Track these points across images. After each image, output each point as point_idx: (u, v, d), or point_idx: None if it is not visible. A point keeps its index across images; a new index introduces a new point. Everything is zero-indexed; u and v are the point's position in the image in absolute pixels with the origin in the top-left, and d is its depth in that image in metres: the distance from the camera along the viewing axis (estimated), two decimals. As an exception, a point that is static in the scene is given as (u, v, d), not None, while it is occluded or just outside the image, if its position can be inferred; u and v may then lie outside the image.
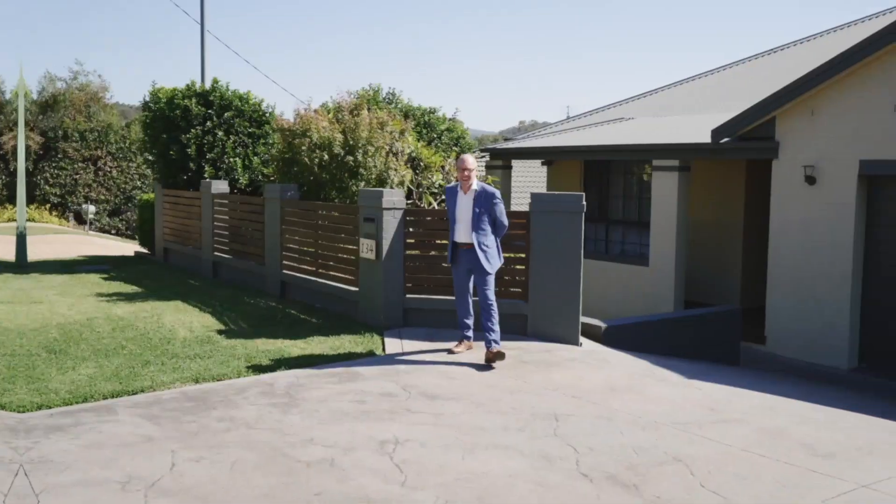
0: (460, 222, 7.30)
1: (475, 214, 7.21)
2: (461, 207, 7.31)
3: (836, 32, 16.95)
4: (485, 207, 7.23)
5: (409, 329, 8.52)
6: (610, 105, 18.36)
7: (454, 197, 7.40)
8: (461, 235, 7.31)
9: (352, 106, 11.44)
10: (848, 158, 10.64)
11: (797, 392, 7.28)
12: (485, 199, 7.23)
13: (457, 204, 7.34)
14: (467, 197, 7.29)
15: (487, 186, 7.37)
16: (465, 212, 7.27)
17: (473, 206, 7.22)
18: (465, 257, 7.32)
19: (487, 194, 7.27)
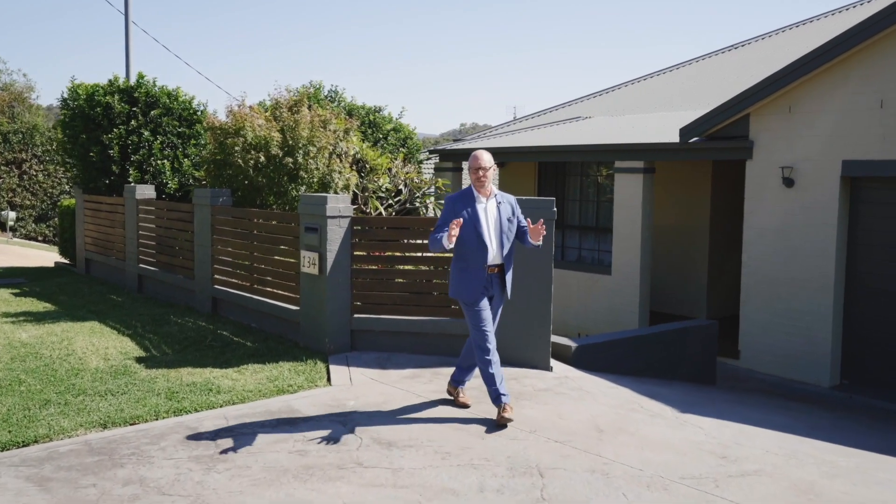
0: (488, 239, 5.60)
1: (507, 227, 5.69)
2: (486, 219, 5.63)
3: (816, 22, 16.36)
4: (512, 217, 5.75)
5: (358, 354, 7.47)
6: (565, 103, 17.57)
7: (470, 206, 5.63)
8: (490, 256, 5.63)
9: (291, 103, 10.34)
10: (829, 159, 9.96)
11: (800, 426, 6.47)
12: (510, 207, 5.77)
13: (478, 215, 5.60)
14: (491, 205, 5.71)
15: (502, 192, 5.87)
16: (492, 224, 5.66)
17: (500, 215, 5.68)
18: (489, 285, 5.68)
19: (510, 200, 5.83)
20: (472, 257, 5.59)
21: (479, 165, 5.66)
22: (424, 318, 7.48)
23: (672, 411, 6.12)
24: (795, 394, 9.38)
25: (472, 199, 5.65)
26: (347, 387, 6.46)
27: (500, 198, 5.74)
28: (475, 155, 5.71)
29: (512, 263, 5.82)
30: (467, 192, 5.70)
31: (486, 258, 5.59)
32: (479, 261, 5.59)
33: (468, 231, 5.55)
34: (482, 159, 5.69)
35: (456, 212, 5.58)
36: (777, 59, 12.31)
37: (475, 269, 5.59)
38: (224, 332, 8.49)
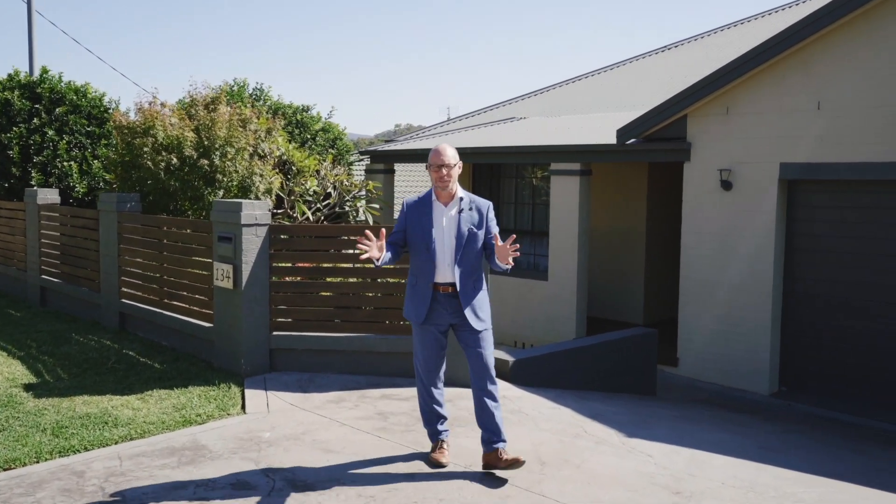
0: (438, 251, 4.71)
1: (464, 238, 4.69)
2: (439, 228, 4.73)
3: (755, 21, 16.26)
4: (477, 227, 4.74)
5: (277, 376, 6.83)
6: (500, 103, 17.16)
7: (423, 212, 4.77)
8: (439, 272, 4.72)
9: (207, 100, 9.60)
10: (767, 161, 9.74)
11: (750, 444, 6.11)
12: (478, 215, 4.77)
13: (432, 223, 4.73)
14: (449, 211, 4.74)
15: (473, 196, 4.88)
16: (446, 234, 4.72)
17: (460, 224, 4.71)
18: (443, 308, 4.74)
19: (480, 206, 4.81)
20: (421, 272, 4.77)
21: (440, 162, 4.68)
22: (352, 335, 6.89)
23: (618, 436, 5.68)
24: (737, 403, 9.11)
25: (428, 204, 4.78)
26: (264, 415, 5.82)
27: (467, 203, 4.77)
28: (436, 149, 4.74)
29: (481, 284, 4.80)
30: (426, 197, 4.81)
31: (432, 274, 4.71)
32: (426, 277, 4.74)
33: (418, 241, 4.74)
34: (444, 154, 4.71)
35: (408, 218, 4.81)
36: (716, 59, 12.12)
37: (422, 286, 4.76)
38: (130, 351, 7.72)
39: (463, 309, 4.69)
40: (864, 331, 9.20)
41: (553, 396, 6.80)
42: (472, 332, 4.73)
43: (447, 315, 4.76)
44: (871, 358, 9.16)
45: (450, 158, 4.72)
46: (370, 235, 4.62)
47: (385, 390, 6.46)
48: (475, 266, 4.76)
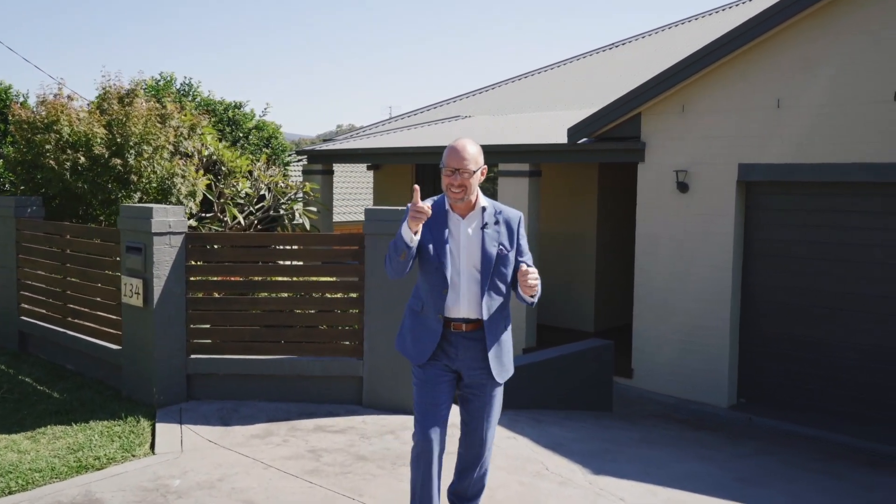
0: (455, 276, 3.57)
1: (492, 262, 3.57)
2: (457, 245, 3.58)
3: (715, 15, 15.85)
4: (508, 247, 3.61)
5: (196, 406, 6.00)
6: (444, 101, 16.48)
7: (437, 222, 3.59)
8: (456, 304, 3.57)
9: (121, 92, 8.67)
10: (726, 162, 9.26)
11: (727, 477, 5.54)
12: (507, 230, 3.62)
13: (446, 237, 3.57)
14: (469, 225, 3.59)
15: (500, 205, 3.70)
16: (466, 255, 3.58)
17: (485, 243, 3.57)
18: (454, 351, 3.60)
19: (509, 219, 3.65)
20: (430, 298, 3.59)
21: (456, 165, 3.46)
22: (282, 358, 6.10)
23: (583, 472, 5.03)
24: (697, 418, 8.61)
25: (442, 213, 3.57)
26: (176, 455, 5.00)
27: (492, 214, 3.60)
28: (453, 147, 3.50)
29: (510, 321, 3.71)
30: (439, 202, 3.60)
31: (442, 303, 3.54)
32: (435, 306, 3.57)
33: (429, 258, 3.57)
34: (462, 154, 3.47)
35: (427, 232, 3.58)
36: (672, 55, 11.64)
37: (429, 318, 3.59)
38: (28, 377, 6.78)
39: (490, 361, 3.56)
40: (825, 340, 8.79)
41: (508, 422, 6.13)
42: (483, 389, 3.63)
43: (458, 361, 3.60)
44: (833, 368, 8.75)
45: (469, 161, 3.46)
46: (423, 208, 3.41)
47: (319, 421, 5.70)
48: (505, 297, 3.62)
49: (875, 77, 8.13)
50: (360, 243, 6.03)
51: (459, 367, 3.62)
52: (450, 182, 3.49)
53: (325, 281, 6.29)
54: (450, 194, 3.53)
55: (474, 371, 3.61)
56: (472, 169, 3.48)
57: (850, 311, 8.58)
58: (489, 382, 3.63)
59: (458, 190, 3.49)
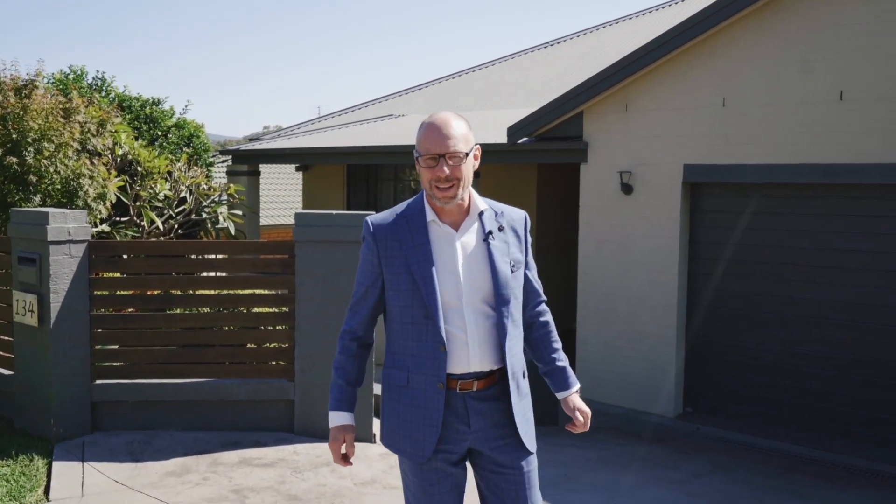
0: (456, 319, 2.52)
1: (507, 284, 2.58)
2: (452, 267, 2.54)
3: (661, 10, 15.60)
4: (518, 261, 2.65)
5: (102, 438, 5.28)
6: (376, 100, 15.89)
7: (412, 241, 2.55)
8: (461, 355, 2.52)
9: (17, 84, 7.82)
10: (670, 162, 8.96)
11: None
12: (515, 237, 2.67)
13: (432, 258, 2.52)
14: (463, 235, 2.59)
15: (499, 205, 2.76)
16: (469, 282, 2.55)
17: (493, 259, 2.57)
18: (463, 424, 2.54)
19: (514, 221, 2.71)
20: (417, 359, 2.52)
21: (439, 148, 2.45)
22: (202, 381, 5.44)
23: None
24: (646, 430, 8.28)
25: (419, 225, 2.54)
26: (75, 502, 4.30)
27: (493, 219, 2.63)
28: (431, 124, 2.49)
29: (523, 360, 2.67)
30: (411, 209, 2.58)
31: (444, 361, 2.49)
32: (431, 367, 2.50)
33: (408, 297, 2.51)
34: (446, 132, 2.46)
35: (382, 256, 2.56)
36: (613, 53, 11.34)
37: (421, 387, 2.52)
38: None
39: (512, 412, 2.55)
40: (771, 346, 8.57)
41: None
42: (515, 467, 2.57)
43: (470, 436, 2.55)
44: (779, 375, 8.54)
45: (457, 140, 2.45)
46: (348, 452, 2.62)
47: (245, 452, 5.07)
48: (521, 329, 2.66)
49: (822, 76, 7.94)
50: (291, 251, 5.42)
51: (474, 443, 2.54)
52: (434, 176, 2.43)
53: (252, 294, 5.67)
54: (436, 195, 2.45)
55: (496, 443, 2.54)
56: (463, 151, 2.44)
57: (796, 317, 8.37)
58: (520, 453, 2.56)
59: (449, 186, 2.43)
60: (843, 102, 7.86)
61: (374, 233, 2.56)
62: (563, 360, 2.80)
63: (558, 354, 2.80)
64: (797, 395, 8.38)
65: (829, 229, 8.16)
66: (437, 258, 2.52)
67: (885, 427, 7.71)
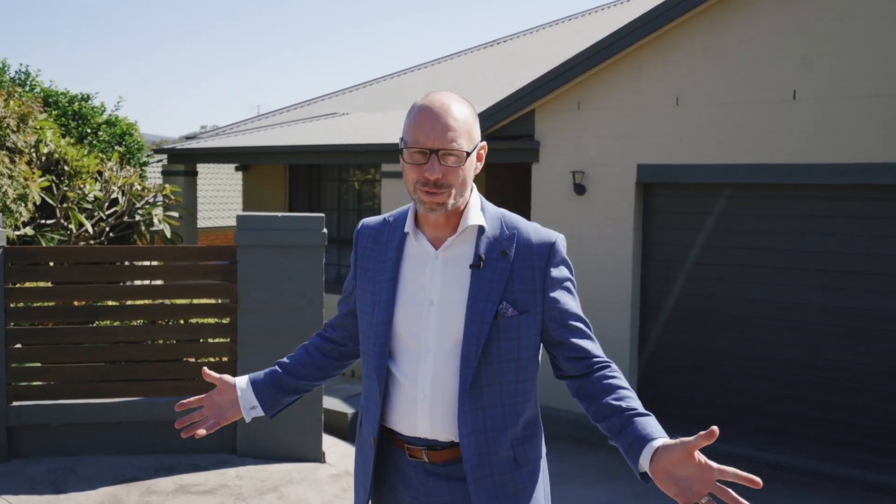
0: (411, 356, 1.95)
1: (483, 329, 1.89)
2: (415, 300, 1.95)
3: (617, 7, 15.42)
4: (523, 302, 1.92)
5: (20, 467, 4.78)
6: (318, 98, 15.43)
7: (382, 253, 2.02)
8: (417, 412, 1.93)
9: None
10: (623, 162, 8.79)
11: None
12: (529, 269, 1.94)
13: (395, 279, 1.98)
14: (448, 258, 1.95)
15: (513, 218, 2.00)
16: (438, 316, 1.93)
17: (474, 294, 1.91)
18: (416, 496, 1.98)
19: (531, 244, 1.95)
20: (367, 398, 2.06)
21: (432, 143, 1.83)
22: (134, 400, 4.99)
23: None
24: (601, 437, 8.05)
25: (394, 236, 2.03)
26: (-12, 542, 3.84)
27: (497, 238, 1.95)
28: (425, 107, 1.87)
29: (535, 450, 2.05)
30: (397, 219, 2.07)
31: (374, 413, 2.00)
32: (370, 415, 2.03)
33: (365, 327, 2.04)
34: (445, 115, 1.84)
35: (359, 265, 2.10)
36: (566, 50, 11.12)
37: (364, 440, 2.07)
38: None
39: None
40: (723, 348, 8.46)
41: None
42: None
43: None
44: (731, 377, 8.43)
45: (457, 132, 1.84)
46: (208, 377, 2.21)
47: (182, 478, 4.65)
48: (515, 404, 1.98)
49: (775, 75, 7.85)
50: (233, 257, 5.01)
51: None
52: (420, 178, 1.84)
53: (190, 304, 5.23)
54: (420, 197, 1.87)
55: None
56: (464, 148, 1.85)
57: (751, 319, 8.28)
58: None
59: (438, 192, 1.84)
60: (795, 102, 7.79)
61: (358, 238, 2.14)
62: (636, 403, 1.96)
63: (627, 399, 1.95)
64: (753, 398, 8.29)
65: (782, 230, 8.08)
66: (403, 281, 1.97)
67: (839, 429, 7.66)
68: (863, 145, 7.37)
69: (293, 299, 4.93)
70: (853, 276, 7.63)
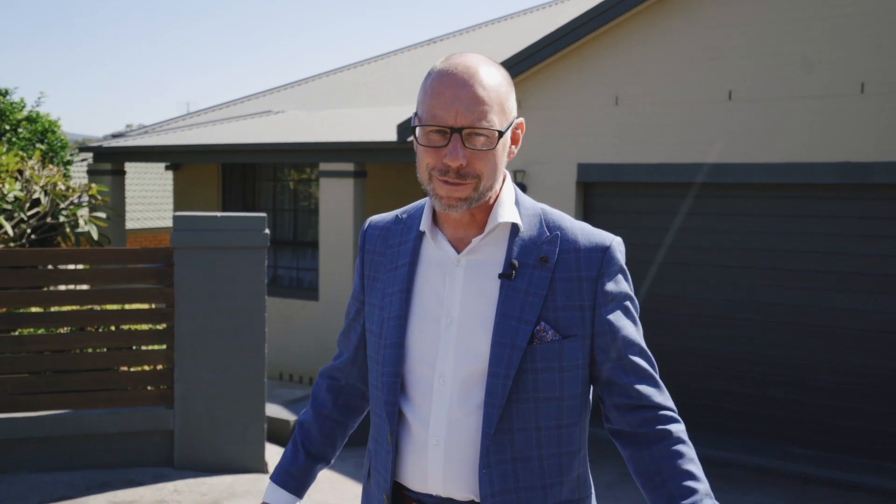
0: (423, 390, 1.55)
1: (515, 354, 1.48)
2: (433, 317, 1.55)
3: (560, 4, 15.40)
4: (565, 322, 1.53)
5: (-62, 486, 4.47)
6: (252, 95, 15.07)
7: (394, 257, 1.64)
8: (426, 463, 1.53)
9: None
10: (565, 161, 8.79)
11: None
12: (574, 279, 1.58)
13: (412, 292, 1.58)
14: (473, 262, 1.56)
15: (557, 216, 1.69)
16: (457, 338, 1.53)
17: (504, 309, 1.51)
18: None
19: (578, 249, 1.60)
20: (376, 442, 1.64)
21: (454, 118, 1.44)
22: (62, 413, 4.71)
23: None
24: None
25: (411, 237, 1.63)
26: None
27: (536, 240, 1.57)
28: (447, 72, 1.47)
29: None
30: (411, 216, 1.69)
31: (387, 462, 1.57)
32: (381, 465, 1.60)
33: (373, 352, 1.63)
34: (472, 83, 1.46)
35: (373, 273, 1.68)
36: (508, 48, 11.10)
37: (372, 496, 1.65)
38: None
39: None
40: (672, 347, 8.53)
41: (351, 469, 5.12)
42: None
43: None
44: (676, 376, 8.52)
45: (488, 105, 1.48)
46: None
47: (116, 494, 4.39)
48: (557, 455, 1.55)
49: (711, 76, 7.96)
50: (168, 259, 4.77)
51: None
52: (438, 163, 1.47)
53: (122, 309, 4.96)
54: (436, 190, 1.50)
55: None
56: (496, 126, 1.49)
57: (692, 317, 8.39)
58: None
59: (461, 183, 1.47)
60: (731, 102, 7.91)
61: (365, 241, 1.72)
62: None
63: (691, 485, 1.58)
64: (695, 397, 8.39)
65: (723, 228, 8.20)
66: (417, 292, 1.57)
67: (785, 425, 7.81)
68: (797, 145, 7.53)
69: (235, 303, 4.72)
70: (792, 273, 7.79)
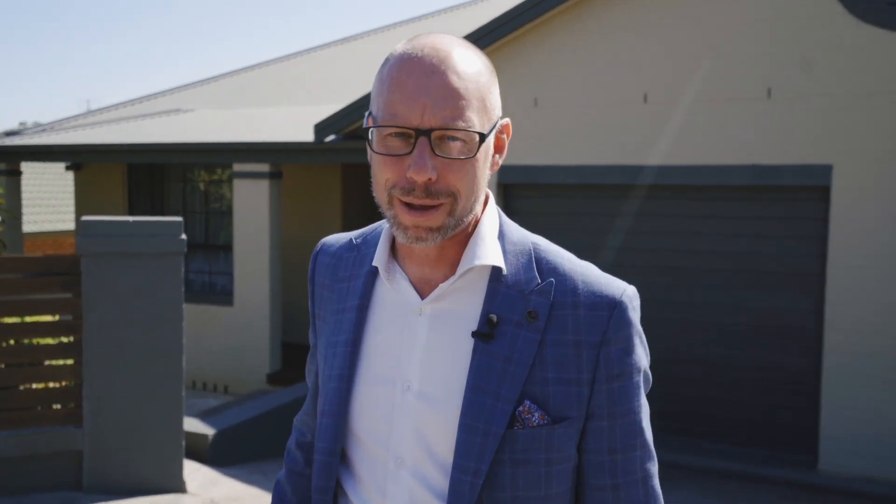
0: (369, 468, 1.19)
1: (489, 443, 1.11)
2: (380, 366, 1.20)
3: (482, 3, 15.29)
4: (562, 401, 1.15)
5: None
6: (159, 93, 14.48)
7: (345, 295, 1.26)
8: None
9: None
10: (486, 163, 8.75)
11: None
12: (573, 340, 1.18)
13: (361, 346, 1.22)
14: (437, 310, 1.18)
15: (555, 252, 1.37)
16: (415, 411, 1.16)
17: (478, 380, 1.13)
18: None
19: (578, 304, 1.22)
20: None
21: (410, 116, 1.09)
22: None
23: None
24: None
25: (364, 271, 1.26)
26: None
27: (519, 287, 1.22)
28: (404, 55, 1.17)
29: None
30: (367, 242, 1.31)
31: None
32: None
33: (322, 396, 1.26)
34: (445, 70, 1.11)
35: (321, 313, 1.32)
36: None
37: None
38: None
39: None
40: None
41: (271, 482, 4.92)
42: None
43: None
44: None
45: (466, 100, 1.11)
46: None
47: (20, 522, 4.07)
48: None
49: (627, 78, 8.09)
50: (75, 268, 4.46)
51: None
52: (399, 177, 1.12)
53: (24, 322, 4.62)
54: (398, 217, 1.14)
55: None
56: (475, 127, 1.14)
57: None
58: None
59: (431, 207, 1.12)
60: (647, 105, 8.05)
61: (315, 270, 1.35)
62: None
63: None
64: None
65: (641, 230, 8.35)
66: (367, 346, 1.21)
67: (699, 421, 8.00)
68: (709, 148, 7.72)
69: (149, 313, 4.46)
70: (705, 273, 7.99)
